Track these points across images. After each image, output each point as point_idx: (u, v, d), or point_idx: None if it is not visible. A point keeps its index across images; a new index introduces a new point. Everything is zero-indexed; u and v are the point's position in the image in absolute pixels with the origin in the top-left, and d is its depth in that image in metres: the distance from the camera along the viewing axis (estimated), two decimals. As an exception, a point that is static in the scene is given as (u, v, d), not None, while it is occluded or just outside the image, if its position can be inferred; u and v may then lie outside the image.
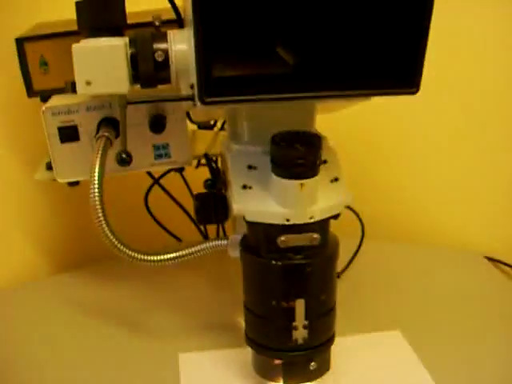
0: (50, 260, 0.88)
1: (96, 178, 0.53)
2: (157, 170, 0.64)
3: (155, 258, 0.57)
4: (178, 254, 0.58)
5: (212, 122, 0.80)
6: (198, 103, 0.49)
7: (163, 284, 0.78)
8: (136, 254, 0.56)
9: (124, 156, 0.50)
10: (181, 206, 0.83)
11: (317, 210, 0.50)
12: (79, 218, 0.81)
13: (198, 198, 0.61)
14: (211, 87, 0.44)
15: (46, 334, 0.69)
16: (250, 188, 0.51)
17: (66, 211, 0.88)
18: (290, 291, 0.52)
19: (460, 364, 0.62)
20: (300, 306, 0.52)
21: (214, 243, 0.57)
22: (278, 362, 0.55)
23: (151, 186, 0.82)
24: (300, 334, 0.53)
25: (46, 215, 0.87)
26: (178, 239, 0.89)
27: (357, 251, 0.78)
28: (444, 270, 0.82)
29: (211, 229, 0.88)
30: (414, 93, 0.45)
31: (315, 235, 0.50)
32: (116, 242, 0.55)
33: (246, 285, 0.55)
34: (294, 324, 0.52)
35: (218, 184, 0.60)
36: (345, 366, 0.61)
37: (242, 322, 0.64)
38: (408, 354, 0.63)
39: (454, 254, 0.85)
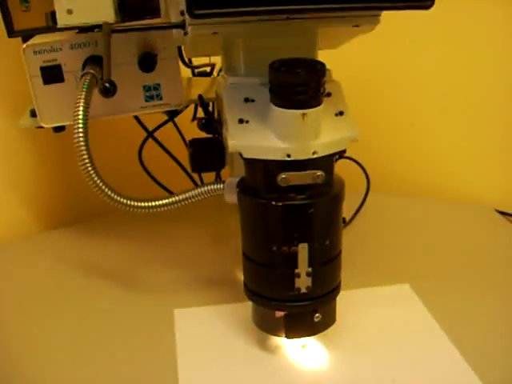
0: (37, 216, 0.84)
1: (80, 115, 0.49)
2: (148, 114, 0.60)
3: (146, 204, 0.53)
4: (170, 200, 0.54)
5: (208, 70, 0.76)
6: (189, 28, 0.45)
7: (158, 239, 0.74)
8: (125, 200, 0.52)
9: (107, 85, 0.45)
10: (175, 160, 0.79)
11: (320, 145, 0.46)
12: (67, 169, 0.77)
13: (192, 143, 0.57)
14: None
15: (35, 292, 0.65)
16: (247, 122, 0.47)
17: (54, 163, 0.84)
18: (291, 235, 0.47)
19: (471, 317, 0.58)
20: (303, 251, 0.48)
21: (209, 187, 0.53)
22: (279, 314, 0.52)
23: (145, 140, 0.78)
24: (303, 282, 0.49)
25: (32, 167, 0.82)
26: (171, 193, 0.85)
27: (362, 203, 0.74)
28: (454, 224, 0.78)
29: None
30: (428, 7, 0.41)
31: (319, 173, 0.46)
32: (103, 187, 0.51)
33: (245, 230, 0.51)
34: (296, 271, 0.48)
35: (212, 124, 0.55)
36: (352, 319, 0.57)
37: (241, 276, 0.61)
38: (418, 308, 0.60)
39: (465, 207, 0.81)
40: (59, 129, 0.59)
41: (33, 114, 0.62)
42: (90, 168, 0.49)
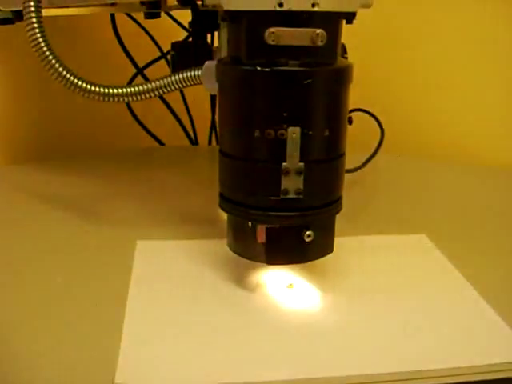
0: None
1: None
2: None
3: (108, 90, 0.43)
4: (140, 88, 0.44)
5: None
6: None
7: (135, 179, 0.65)
8: (84, 84, 0.43)
9: None
10: (167, 104, 0.70)
11: (323, -4, 0.35)
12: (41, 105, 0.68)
13: (174, 46, 0.48)
14: None
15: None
16: (232, -32, 0.37)
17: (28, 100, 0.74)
18: (279, 113, 0.36)
19: (493, 270, 0.47)
20: (293, 137, 0.37)
21: (185, 74, 0.43)
22: (261, 235, 0.40)
23: (134, 77, 0.69)
24: (292, 181, 0.37)
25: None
26: (161, 143, 0.75)
27: (375, 152, 0.61)
28: (469, 184, 0.68)
29: (201, 136, 0.74)
30: None
31: (319, 31, 0.36)
32: (60, 69, 0.41)
33: (222, 116, 0.40)
34: (283, 165, 0.37)
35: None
36: (358, 264, 0.46)
37: (219, 215, 0.50)
38: (437, 257, 0.48)
39: (483, 169, 0.71)
40: (7, 21, 0.51)
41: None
42: (42, 44, 0.40)
